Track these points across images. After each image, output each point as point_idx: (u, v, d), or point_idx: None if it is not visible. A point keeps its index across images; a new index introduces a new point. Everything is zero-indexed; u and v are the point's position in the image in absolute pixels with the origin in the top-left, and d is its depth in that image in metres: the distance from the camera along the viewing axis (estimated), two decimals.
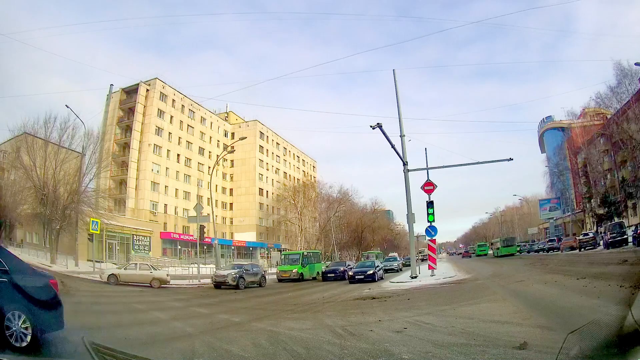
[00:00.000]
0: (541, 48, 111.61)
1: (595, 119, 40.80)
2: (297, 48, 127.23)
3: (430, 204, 17.96)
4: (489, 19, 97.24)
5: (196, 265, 25.90)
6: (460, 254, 79.39)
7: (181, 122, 50.21)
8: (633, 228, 25.19)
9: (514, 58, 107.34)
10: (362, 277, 19.27)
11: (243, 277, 18.39)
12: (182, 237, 45.16)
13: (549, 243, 38.58)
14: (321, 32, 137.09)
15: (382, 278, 21.89)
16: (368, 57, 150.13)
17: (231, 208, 58.24)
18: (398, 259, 35.20)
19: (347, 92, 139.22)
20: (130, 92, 46.49)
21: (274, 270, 29.08)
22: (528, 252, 43.54)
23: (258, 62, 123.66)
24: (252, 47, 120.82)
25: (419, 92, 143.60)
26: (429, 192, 18.06)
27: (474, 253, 60.82)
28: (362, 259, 35.36)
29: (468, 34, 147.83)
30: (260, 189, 59.41)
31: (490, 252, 50.45)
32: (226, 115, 62.19)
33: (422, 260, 29.52)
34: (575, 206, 53.16)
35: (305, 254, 26.98)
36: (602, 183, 41.76)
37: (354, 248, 60.08)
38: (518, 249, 42.30)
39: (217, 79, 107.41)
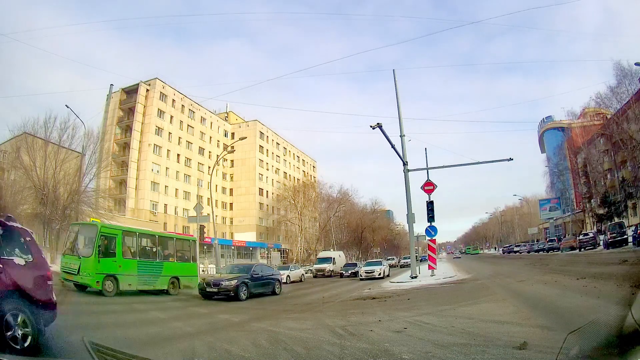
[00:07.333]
0: (542, 48, 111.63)
1: (595, 119, 40.75)
2: (322, 39, 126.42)
3: (430, 204, 17.97)
4: (497, 17, 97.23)
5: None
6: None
7: (181, 122, 50.21)
8: (633, 228, 25.17)
9: (515, 58, 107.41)
10: None
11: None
12: None
13: (549, 243, 38.64)
14: (348, 23, 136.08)
15: None
16: (383, 52, 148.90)
17: (231, 208, 58.20)
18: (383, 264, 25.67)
19: (366, 87, 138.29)
20: (130, 92, 46.47)
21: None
22: (528, 252, 43.83)
23: (281, 52, 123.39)
24: (276, 36, 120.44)
25: (425, 88, 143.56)
26: (429, 192, 18.07)
27: (465, 253, 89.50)
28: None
29: (480, 32, 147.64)
30: (260, 189, 59.37)
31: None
32: (226, 115, 62.18)
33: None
34: (575, 206, 53.16)
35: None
36: (602, 183, 41.67)
37: (354, 248, 60.11)
38: (480, 251, 78.73)
39: (235, 70, 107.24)
